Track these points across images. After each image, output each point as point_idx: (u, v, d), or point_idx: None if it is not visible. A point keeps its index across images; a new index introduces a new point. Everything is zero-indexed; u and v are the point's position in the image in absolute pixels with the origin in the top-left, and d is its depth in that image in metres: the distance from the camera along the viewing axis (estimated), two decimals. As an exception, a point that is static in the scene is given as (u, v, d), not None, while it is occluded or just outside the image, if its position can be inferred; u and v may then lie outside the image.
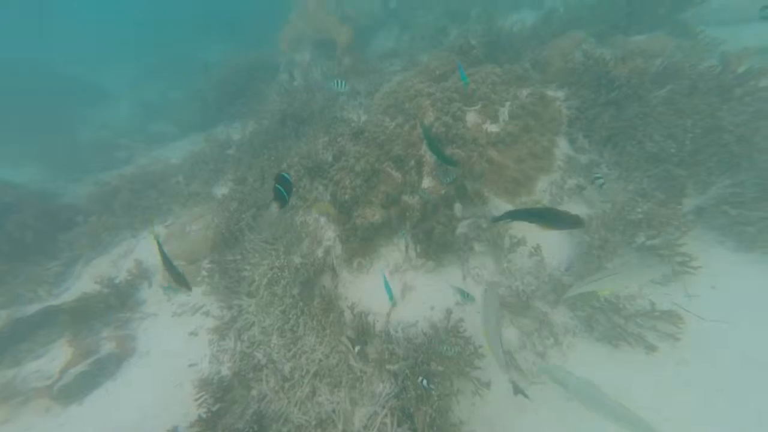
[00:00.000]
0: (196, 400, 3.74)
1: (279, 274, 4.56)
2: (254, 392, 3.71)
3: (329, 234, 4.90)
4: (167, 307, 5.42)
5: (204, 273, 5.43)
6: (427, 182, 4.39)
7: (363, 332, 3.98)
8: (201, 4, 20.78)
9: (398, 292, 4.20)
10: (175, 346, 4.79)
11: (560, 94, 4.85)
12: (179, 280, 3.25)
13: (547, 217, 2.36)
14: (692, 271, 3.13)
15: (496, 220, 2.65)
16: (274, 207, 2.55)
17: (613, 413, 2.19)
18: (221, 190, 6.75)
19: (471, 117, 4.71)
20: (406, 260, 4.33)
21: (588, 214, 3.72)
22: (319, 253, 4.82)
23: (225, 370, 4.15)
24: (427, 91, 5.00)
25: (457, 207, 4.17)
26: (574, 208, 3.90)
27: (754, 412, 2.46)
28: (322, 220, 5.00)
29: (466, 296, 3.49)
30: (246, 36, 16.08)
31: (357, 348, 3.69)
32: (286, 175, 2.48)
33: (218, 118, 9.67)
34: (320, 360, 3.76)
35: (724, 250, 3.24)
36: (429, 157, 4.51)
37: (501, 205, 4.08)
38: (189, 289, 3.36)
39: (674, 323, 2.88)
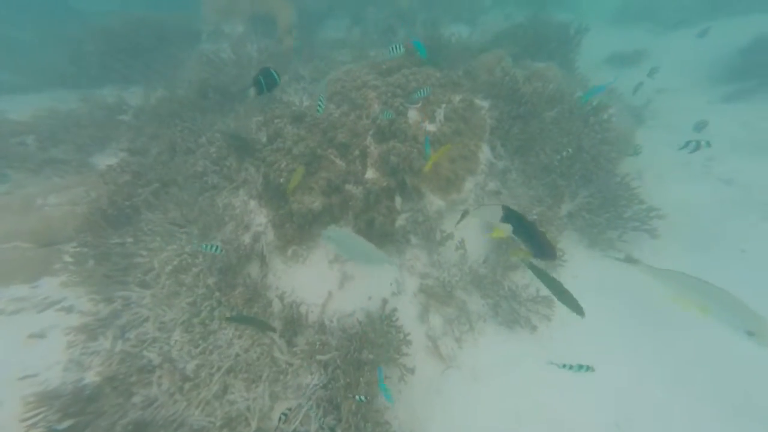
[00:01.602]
0: (24, 420, 2.99)
1: (190, 260, 3.98)
2: (137, 399, 3.21)
3: (260, 219, 4.47)
4: (-13, 303, 4.02)
5: (68, 258, 4.24)
6: (371, 173, 4.42)
7: (293, 323, 3.88)
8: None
9: (337, 282, 4.23)
10: (-4, 355, 3.63)
11: (485, 104, 5.48)
12: (265, 326, 3.15)
13: (532, 239, 2.15)
14: (563, 264, 4.22)
15: (505, 220, 2.23)
16: (252, 92, 2.79)
17: (360, 253, 2.95)
18: (106, 161, 5.27)
19: (412, 114, 4.89)
20: (346, 250, 4.35)
21: (501, 215, 4.48)
22: (246, 239, 4.37)
23: (91, 377, 3.44)
24: (374, 83, 4.94)
25: (398, 200, 4.38)
26: (492, 209, 4.63)
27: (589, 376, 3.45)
28: (252, 203, 4.50)
29: None
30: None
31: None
32: (273, 72, 2.66)
33: (105, 78, 7.64)
34: (237, 355, 3.51)
35: (582, 246, 4.46)
36: (373, 149, 4.52)
37: (435, 201, 4.49)
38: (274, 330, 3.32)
39: (549, 306, 3.86)
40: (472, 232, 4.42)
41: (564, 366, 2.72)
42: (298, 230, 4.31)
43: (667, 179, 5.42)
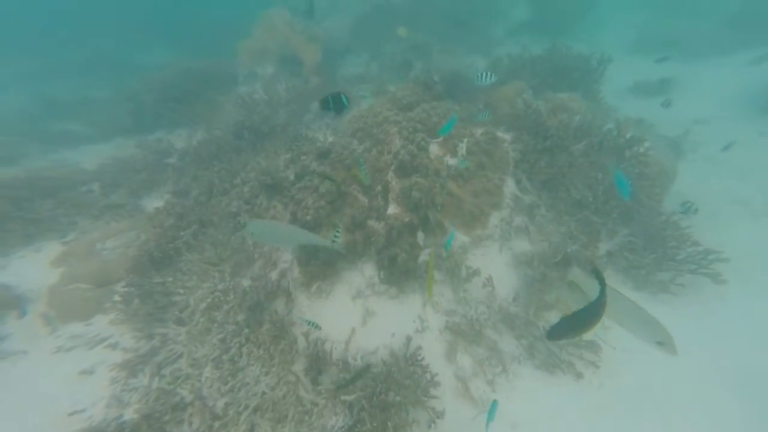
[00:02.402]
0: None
1: (222, 298, 4.14)
2: (170, 437, 3.23)
3: (286, 256, 4.59)
4: (47, 341, 4.35)
5: (117, 298, 4.56)
6: (392, 208, 4.47)
7: (318, 361, 3.83)
8: (146, 4, 18.27)
9: (360, 318, 4.16)
10: (50, 390, 3.86)
11: (507, 136, 5.48)
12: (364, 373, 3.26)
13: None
14: (606, 305, 3.87)
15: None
16: (317, 104, 3.32)
17: (288, 238, 3.07)
18: (154, 203, 5.83)
19: (434, 149, 4.99)
20: (369, 286, 4.31)
21: (531, 250, 4.29)
22: (274, 275, 4.49)
23: (130, 414, 3.52)
24: (395, 119, 5.13)
25: (420, 236, 4.35)
26: (520, 243, 4.45)
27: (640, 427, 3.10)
28: None
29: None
30: (198, 43, 15.00)
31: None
32: (343, 97, 2.97)
33: (157, 124, 8.59)
34: (264, 393, 3.48)
35: (626, 288, 4.09)
36: (395, 184, 4.61)
37: (459, 237, 4.40)
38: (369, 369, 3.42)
39: (595, 352, 3.51)
40: (499, 269, 4.24)
41: None
42: (322, 267, 4.37)
43: (723, 219, 4.93)
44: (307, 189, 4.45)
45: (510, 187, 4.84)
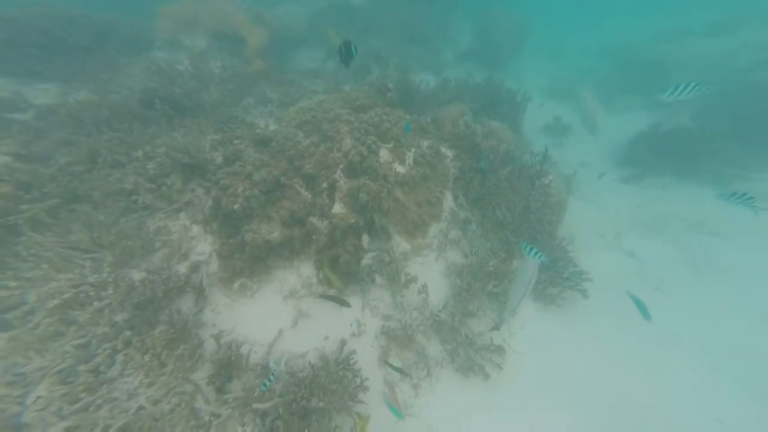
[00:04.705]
0: None
1: (93, 293, 3.30)
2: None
3: (203, 247, 3.96)
4: None
5: None
6: (338, 208, 4.29)
7: (228, 366, 3.42)
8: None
9: (291, 319, 3.88)
10: None
11: (450, 153, 5.88)
12: None
13: None
14: (513, 314, 4.51)
15: None
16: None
17: None
18: None
19: (384, 153, 4.98)
20: (306, 286, 4.05)
21: (462, 262, 4.69)
22: (182, 269, 3.82)
23: None
24: (347, 118, 4.93)
25: (365, 238, 4.30)
26: (453, 255, 4.82)
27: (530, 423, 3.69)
28: (195, 228, 3.96)
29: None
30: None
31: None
32: (352, 46, 3.15)
33: (3, 70, 6.27)
34: (140, 408, 2.97)
35: (529, 300, 4.86)
36: (343, 184, 4.43)
37: (402, 243, 4.51)
38: None
39: (501, 355, 4.05)
40: (435, 278, 4.52)
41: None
42: (249, 262, 3.90)
43: (590, 246, 6.33)
44: (238, 175, 3.90)
45: (449, 201, 5.19)
